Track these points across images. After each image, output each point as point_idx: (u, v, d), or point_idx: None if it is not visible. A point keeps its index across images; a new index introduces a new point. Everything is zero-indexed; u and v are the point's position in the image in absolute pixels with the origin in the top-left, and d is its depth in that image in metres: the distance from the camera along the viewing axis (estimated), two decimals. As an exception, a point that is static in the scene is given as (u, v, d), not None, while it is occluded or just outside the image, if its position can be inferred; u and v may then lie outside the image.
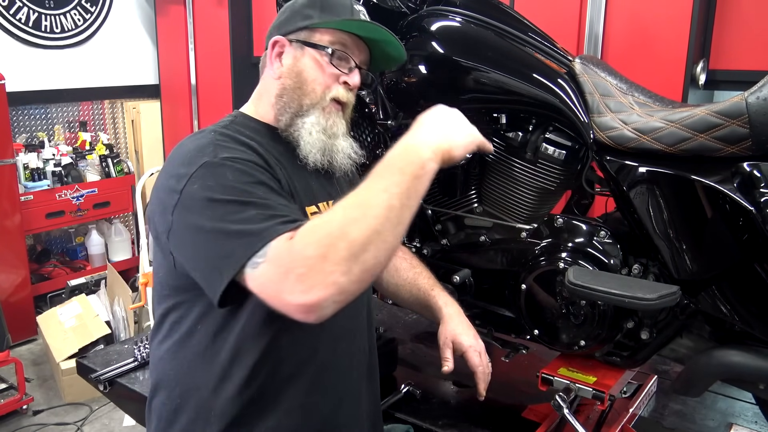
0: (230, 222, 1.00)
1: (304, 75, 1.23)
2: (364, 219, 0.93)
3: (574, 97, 1.47)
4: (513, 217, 1.63)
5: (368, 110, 1.80)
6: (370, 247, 0.92)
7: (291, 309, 0.93)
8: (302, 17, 1.24)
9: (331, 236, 0.92)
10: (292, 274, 0.92)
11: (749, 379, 1.34)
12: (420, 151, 1.00)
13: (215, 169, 1.05)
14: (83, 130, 4.38)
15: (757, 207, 1.21)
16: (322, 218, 0.98)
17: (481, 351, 1.43)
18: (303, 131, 1.22)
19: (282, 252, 0.94)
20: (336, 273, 0.91)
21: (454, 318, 1.46)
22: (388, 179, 0.97)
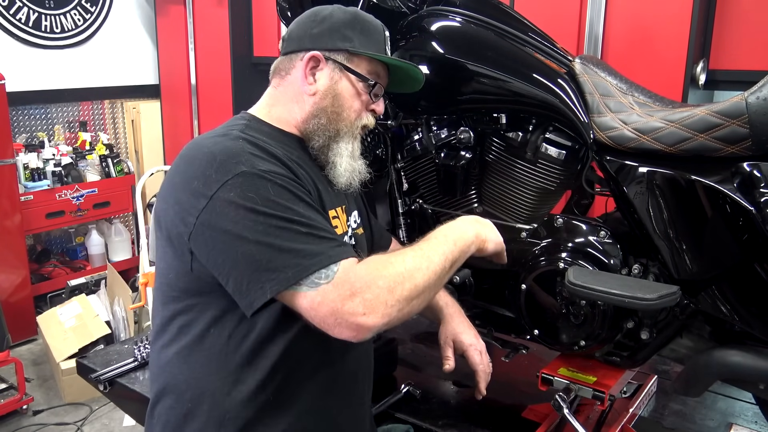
0: (278, 238, 1.02)
1: (343, 100, 1.25)
2: (426, 270, 1.09)
3: (574, 97, 1.47)
4: (513, 217, 1.63)
5: (368, 110, 1.80)
6: (422, 295, 1.08)
7: (345, 326, 1.02)
8: (342, 38, 1.24)
9: (401, 275, 1.06)
10: (359, 296, 1.01)
11: (749, 379, 1.34)
12: (468, 235, 1.24)
13: (255, 181, 1.05)
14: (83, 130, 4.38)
15: (757, 207, 1.21)
16: (392, 257, 1.10)
17: (481, 350, 1.44)
18: (337, 157, 1.26)
19: (352, 275, 1.02)
20: (395, 307, 1.04)
21: (455, 318, 1.46)
22: (444, 246, 1.17)
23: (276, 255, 1.01)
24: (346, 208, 1.33)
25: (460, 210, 1.72)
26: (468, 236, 1.23)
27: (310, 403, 1.19)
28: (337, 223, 1.27)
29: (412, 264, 1.08)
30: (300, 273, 1.01)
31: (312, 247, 1.02)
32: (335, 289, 1.01)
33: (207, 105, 4.27)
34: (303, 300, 1.02)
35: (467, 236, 1.23)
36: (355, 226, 1.38)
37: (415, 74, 1.34)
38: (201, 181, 1.06)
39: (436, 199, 1.76)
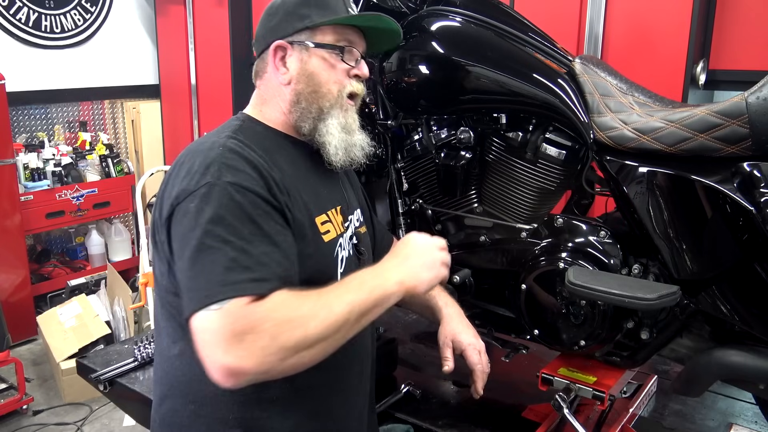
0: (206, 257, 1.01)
1: (317, 77, 1.22)
2: (323, 321, 1.00)
3: (574, 97, 1.47)
4: (513, 217, 1.63)
5: (368, 110, 1.80)
6: (315, 346, 1.00)
7: (216, 366, 0.96)
8: (298, 18, 1.22)
9: (291, 322, 0.98)
10: (238, 337, 0.95)
11: (749, 379, 1.34)
12: (389, 284, 1.11)
13: (214, 193, 1.05)
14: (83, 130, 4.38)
15: (757, 207, 1.21)
16: (290, 300, 1.01)
17: (480, 349, 1.43)
18: (328, 135, 1.22)
19: (239, 312, 0.96)
20: (277, 356, 0.96)
21: (454, 318, 1.46)
22: (355, 295, 1.06)
23: (198, 275, 1.01)
24: (343, 208, 1.30)
25: (460, 210, 1.72)
26: (388, 285, 1.10)
27: (316, 403, 1.19)
28: (329, 227, 1.22)
29: (309, 311, 1.00)
30: (206, 299, 0.98)
31: (228, 276, 0.99)
32: (219, 320, 0.96)
33: (207, 105, 4.27)
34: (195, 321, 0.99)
35: (387, 285, 1.10)
36: (358, 224, 1.36)
37: (387, 24, 1.28)
38: (178, 188, 1.08)
39: (436, 199, 1.76)
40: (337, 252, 1.23)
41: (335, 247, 1.23)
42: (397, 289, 1.12)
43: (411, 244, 1.20)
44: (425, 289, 1.17)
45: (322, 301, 1.03)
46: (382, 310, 1.11)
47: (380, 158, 1.81)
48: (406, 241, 1.22)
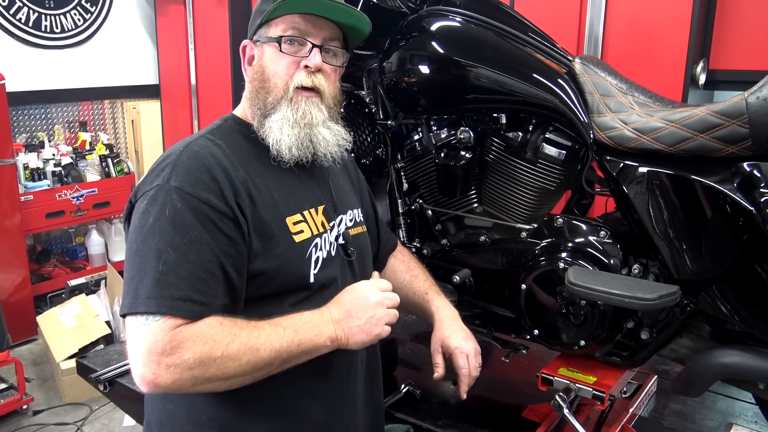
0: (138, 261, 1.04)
1: (266, 72, 1.20)
2: (246, 363, 1.04)
3: (574, 97, 1.47)
4: (513, 217, 1.63)
5: (368, 110, 1.80)
6: (230, 381, 1.05)
7: (135, 373, 1.02)
8: (258, 14, 1.23)
9: (211, 359, 1.01)
10: (158, 357, 0.99)
11: (749, 379, 1.34)
12: (321, 339, 1.13)
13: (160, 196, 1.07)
14: (83, 130, 4.38)
15: (757, 207, 1.21)
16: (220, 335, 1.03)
17: (468, 353, 1.39)
18: (273, 131, 1.19)
19: (163, 336, 1.00)
20: (189, 381, 1.01)
21: (445, 322, 1.44)
22: (284, 343, 1.08)
23: (129, 279, 1.05)
24: (327, 208, 1.28)
25: (460, 210, 1.72)
26: (319, 340, 1.12)
27: (291, 405, 1.18)
28: (302, 227, 1.20)
29: (234, 352, 1.03)
30: (131, 307, 1.02)
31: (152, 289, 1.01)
32: (144, 335, 1.00)
33: (207, 105, 4.27)
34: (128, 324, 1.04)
35: (318, 340, 1.12)
36: (351, 224, 1.34)
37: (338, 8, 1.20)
38: (137, 187, 1.13)
39: (436, 199, 1.76)
40: (310, 252, 1.20)
41: (308, 248, 1.20)
42: (329, 345, 1.15)
43: (356, 299, 1.19)
44: (357, 347, 1.19)
45: (251, 344, 1.05)
46: (309, 359, 1.14)
47: (380, 158, 1.81)
48: (354, 294, 1.20)
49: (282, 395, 1.17)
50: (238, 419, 1.15)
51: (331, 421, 1.25)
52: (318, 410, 1.23)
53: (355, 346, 1.18)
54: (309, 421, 1.21)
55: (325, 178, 1.32)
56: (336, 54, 1.25)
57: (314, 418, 1.22)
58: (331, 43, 1.23)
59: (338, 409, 1.27)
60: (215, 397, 1.13)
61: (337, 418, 1.27)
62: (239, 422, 1.15)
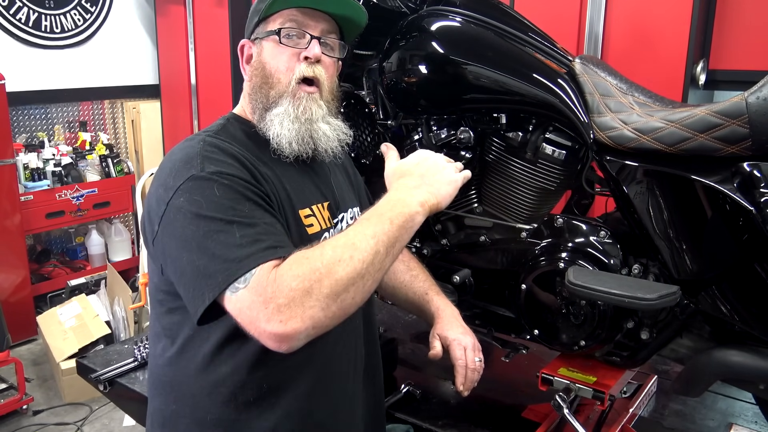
0: (214, 242, 1.00)
1: (267, 68, 1.21)
2: (350, 261, 0.98)
3: (574, 97, 1.47)
4: (513, 217, 1.63)
5: (368, 110, 1.80)
6: (351, 288, 0.97)
7: (265, 336, 0.96)
8: (255, 13, 1.23)
9: (317, 272, 0.96)
10: (272, 303, 0.94)
11: (749, 379, 1.34)
12: (410, 205, 1.08)
13: (202, 183, 1.04)
14: (83, 130, 4.38)
15: (757, 207, 1.21)
16: (310, 252, 0.99)
17: (466, 346, 1.38)
18: (273, 125, 1.19)
19: (264, 280, 0.96)
20: (316, 308, 0.95)
21: (444, 318, 1.44)
22: (377, 226, 1.03)
23: (211, 261, 1.00)
24: (331, 205, 1.29)
25: (460, 210, 1.72)
26: (410, 210, 1.07)
27: (295, 404, 1.18)
28: (313, 221, 1.21)
29: (332, 256, 0.97)
30: (228, 278, 0.98)
31: (242, 251, 0.98)
32: (250, 295, 0.96)
33: (207, 105, 4.27)
34: (229, 305, 0.99)
35: (409, 210, 1.07)
36: (352, 222, 1.34)
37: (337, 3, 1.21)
38: (163, 188, 1.08)
39: (436, 199, 1.76)
40: None
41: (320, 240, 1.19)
42: (421, 210, 1.09)
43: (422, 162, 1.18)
44: (448, 202, 1.16)
45: (343, 242, 1.00)
46: (410, 235, 1.07)
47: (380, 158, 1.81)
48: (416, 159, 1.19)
49: (285, 395, 1.17)
50: (242, 419, 1.15)
51: (333, 421, 1.25)
52: (320, 410, 1.22)
53: (446, 201, 1.15)
54: (311, 421, 1.21)
55: (327, 176, 1.33)
56: (334, 46, 1.25)
57: (316, 417, 1.22)
58: (328, 36, 1.24)
59: (340, 408, 1.27)
60: (219, 397, 1.13)
61: (339, 417, 1.27)
62: (243, 422, 1.15)
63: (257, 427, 1.16)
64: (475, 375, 1.38)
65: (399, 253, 1.06)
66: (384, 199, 1.10)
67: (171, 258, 1.06)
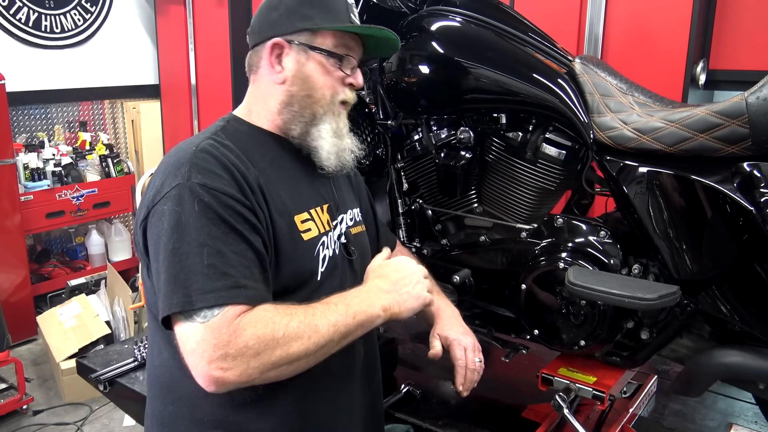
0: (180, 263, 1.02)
1: (313, 81, 1.21)
2: (307, 341, 1.05)
3: (574, 97, 1.47)
4: (513, 217, 1.63)
5: (368, 110, 1.80)
6: (296, 363, 1.05)
7: (198, 372, 1.00)
8: (301, 18, 1.20)
9: (275, 340, 1.02)
10: (222, 350, 0.99)
11: (749, 379, 1.34)
12: (374, 306, 1.15)
13: (184, 194, 1.05)
14: (83, 130, 4.38)
15: (757, 207, 1.21)
16: (278, 317, 1.04)
17: (467, 346, 1.38)
18: (321, 140, 1.22)
19: (225, 326, 0.99)
20: (257, 370, 1.01)
21: (444, 319, 1.44)
22: (340, 316, 1.10)
23: (173, 280, 1.02)
24: (331, 206, 1.29)
25: (460, 210, 1.72)
26: (372, 311, 1.14)
27: (292, 405, 1.18)
28: (310, 225, 1.22)
29: (295, 330, 1.03)
30: (185, 305, 1.00)
31: (206, 283, 1.00)
32: (204, 332, 0.99)
33: (207, 105, 4.27)
34: (179, 328, 1.02)
35: (372, 311, 1.14)
36: (351, 223, 1.35)
37: (386, 35, 1.27)
38: (153, 191, 1.10)
39: (436, 199, 1.76)
40: (318, 250, 1.21)
41: (316, 246, 1.21)
42: (382, 315, 1.16)
43: (398, 270, 1.23)
44: (407, 315, 1.21)
45: (309, 321, 1.06)
46: (365, 332, 1.15)
47: (380, 158, 1.81)
48: (393, 266, 1.24)
49: (283, 396, 1.16)
50: (239, 420, 1.15)
51: (331, 421, 1.25)
52: (318, 410, 1.23)
53: (408, 313, 1.20)
54: (309, 422, 1.21)
55: (327, 177, 1.32)
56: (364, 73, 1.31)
57: (315, 418, 1.22)
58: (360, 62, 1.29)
59: (338, 408, 1.27)
60: (217, 398, 1.13)
61: (337, 417, 1.27)
62: (241, 423, 1.15)
63: (255, 428, 1.16)
64: (474, 375, 1.38)
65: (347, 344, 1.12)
66: (356, 291, 1.17)
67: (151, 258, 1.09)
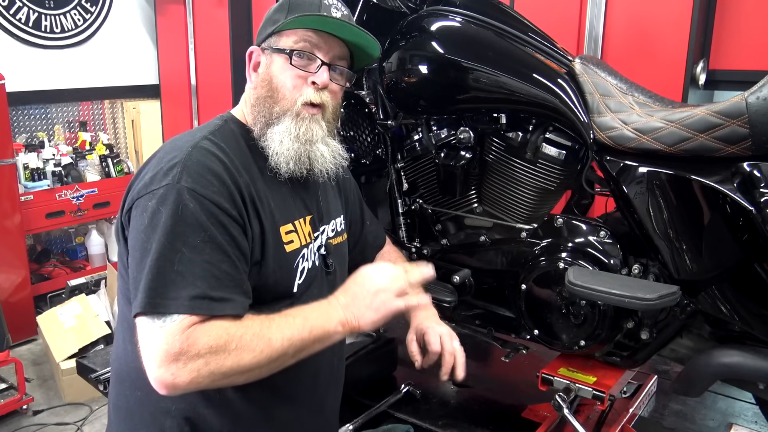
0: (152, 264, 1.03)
1: (274, 82, 1.20)
2: (260, 354, 1.06)
3: (574, 97, 1.47)
4: (513, 217, 1.63)
5: (368, 110, 1.80)
6: (246, 374, 1.06)
7: (151, 375, 1.03)
8: (271, 23, 1.22)
9: (227, 351, 1.03)
10: (173, 357, 1.00)
11: (749, 379, 1.34)
12: (330, 324, 1.14)
13: (170, 196, 1.05)
14: (83, 130, 4.38)
15: (757, 207, 1.21)
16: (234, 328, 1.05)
17: (441, 333, 1.35)
18: (273, 142, 1.19)
19: (179, 333, 1.01)
20: (207, 378, 1.02)
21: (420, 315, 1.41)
22: (295, 330, 1.10)
23: (144, 279, 1.03)
24: (314, 218, 1.29)
25: (460, 210, 1.72)
26: (329, 325, 1.14)
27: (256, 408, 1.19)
28: (293, 237, 1.22)
29: (248, 343, 1.05)
30: (148, 307, 1.02)
31: (172, 290, 1.02)
32: (160, 336, 1.01)
33: (207, 105, 4.27)
34: (140, 327, 1.04)
35: (328, 325, 1.14)
36: (333, 234, 1.35)
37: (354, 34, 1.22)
38: (141, 183, 1.10)
39: (436, 199, 1.76)
40: (297, 263, 1.22)
41: (296, 258, 1.22)
42: (340, 330, 1.15)
43: (361, 282, 1.20)
44: (369, 328, 1.19)
45: (263, 333, 1.06)
46: (322, 347, 1.15)
47: (380, 158, 1.81)
48: (358, 278, 1.21)
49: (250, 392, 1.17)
50: (204, 414, 1.16)
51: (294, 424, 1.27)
52: (283, 413, 1.24)
53: (368, 326, 1.19)
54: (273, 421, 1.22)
55: (315, 187, 1.32)
56: (342, 73, 1.25)
57: (278, 420, 1.23)
58: (339, 62, 1.24)
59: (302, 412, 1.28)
60: None
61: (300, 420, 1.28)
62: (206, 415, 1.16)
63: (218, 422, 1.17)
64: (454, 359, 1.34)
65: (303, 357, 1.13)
66: (317, 305, 1.16)
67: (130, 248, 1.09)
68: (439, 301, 1.61)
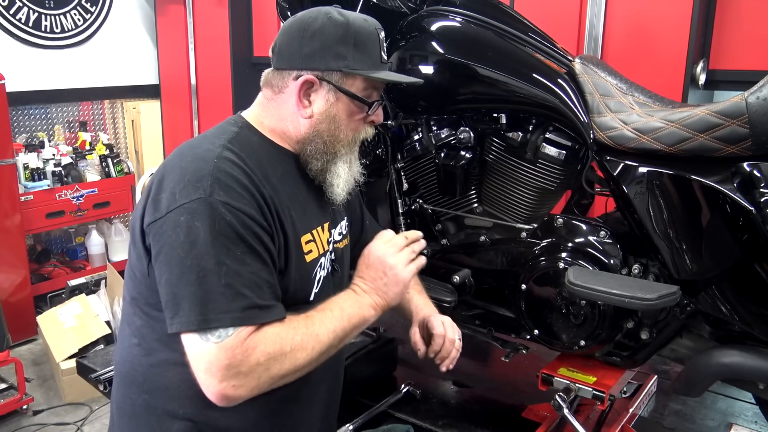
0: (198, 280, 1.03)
1: (339, 122, 1.21)
2: (311, 351, 1.11)
3: (574, 97, 1.47)
4: (513, 217, 1.63)
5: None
6: (300, 371, 1.11)
7: (211, 390, 1.04)
8: (335, 56, 1.18)
9: (283, 353, 1.07)
10: (234, 369, 1.03)
11: (749, 379, 1.34)
12: (364, 310, 1.21)
13: (206, 210, 1.05)
14: (83, 130, 4.37)
15: (757, 207, 1.21)
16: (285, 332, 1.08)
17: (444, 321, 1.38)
18: (337, 177, 1.24)
19: (237, 346, 1.03)
20: (267, 384, 1.06)
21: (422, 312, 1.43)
22: (337, 322, 1.15)
23: (189, 296, 1.04)
24: (330, 225, 1.31)
25: (460, 210, 1.72)
26: (363, 311, 1.20)
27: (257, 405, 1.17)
28: (312, 247, 1.23)
29: (300, 342, 1.09)
30: (200, 324, 1.03)
31: (223, 303, 1.03)
32: (218, 352, 1.02)
33: (207, 105, 4.27)
34: (190, 346, 1.05)
35: (362, 311, 1.20)
36: (339, 238, 1.36)
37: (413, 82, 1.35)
38: (166, 194, 1.08)
39: (436, 199, 1.76)
40: (315, 272, 1.24)
41: (315, 267, 1.23)
42: (373, 313, 1.21)
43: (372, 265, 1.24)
44: (398, 300, 1.25)
45: (311, 331, 1.11)
46: (358, 331, 1.20)
47: (380, 158, 1.81)
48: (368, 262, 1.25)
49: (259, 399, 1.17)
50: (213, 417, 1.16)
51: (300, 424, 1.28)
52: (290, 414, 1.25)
53: (396, 301, 1.25)
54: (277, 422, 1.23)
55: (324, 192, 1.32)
56: None
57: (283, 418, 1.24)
58: None
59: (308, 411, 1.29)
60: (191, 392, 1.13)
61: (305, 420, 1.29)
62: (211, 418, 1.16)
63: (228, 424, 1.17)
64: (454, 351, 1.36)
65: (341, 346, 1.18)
66: (345, 296, 1.21)
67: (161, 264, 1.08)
68: (439, 301, 1.60)
